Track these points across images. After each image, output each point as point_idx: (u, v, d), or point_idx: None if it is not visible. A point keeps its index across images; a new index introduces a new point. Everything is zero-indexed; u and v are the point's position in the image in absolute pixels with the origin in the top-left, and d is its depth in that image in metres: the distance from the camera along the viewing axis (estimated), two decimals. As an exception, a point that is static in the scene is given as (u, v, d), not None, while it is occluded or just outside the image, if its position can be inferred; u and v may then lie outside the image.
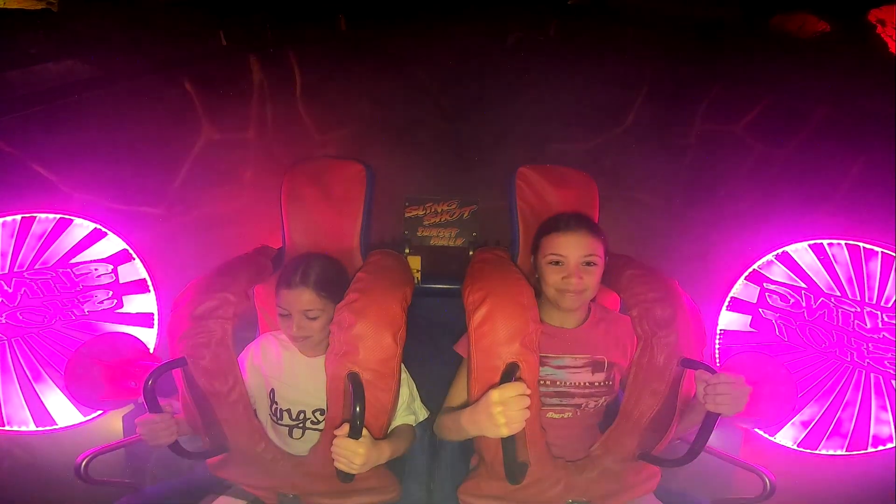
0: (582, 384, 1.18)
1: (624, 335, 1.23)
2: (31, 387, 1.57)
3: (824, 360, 1.61)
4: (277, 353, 1.24)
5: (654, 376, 1.10)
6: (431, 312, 1.60)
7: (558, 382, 1.17)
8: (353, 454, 0.99)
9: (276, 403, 1.21)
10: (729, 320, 1.70)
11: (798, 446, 1.61)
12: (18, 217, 1.57)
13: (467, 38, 1.99)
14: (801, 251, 1.65)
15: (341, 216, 1.39)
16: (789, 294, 1.64)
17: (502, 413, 0.93)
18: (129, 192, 1.80)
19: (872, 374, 1.57)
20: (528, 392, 0.95)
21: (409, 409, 1.21)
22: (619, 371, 1.21)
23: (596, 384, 1.18)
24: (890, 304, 1.56)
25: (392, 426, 1.18)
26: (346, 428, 1.01)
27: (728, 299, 1.70)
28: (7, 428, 1.56)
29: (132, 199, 1.81)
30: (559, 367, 1.18)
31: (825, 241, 1.63)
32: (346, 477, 1.03)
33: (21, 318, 1.57)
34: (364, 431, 1.01)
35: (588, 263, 1.14)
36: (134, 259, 1.65)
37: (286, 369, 1.22)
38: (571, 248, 1.14)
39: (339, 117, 1.98)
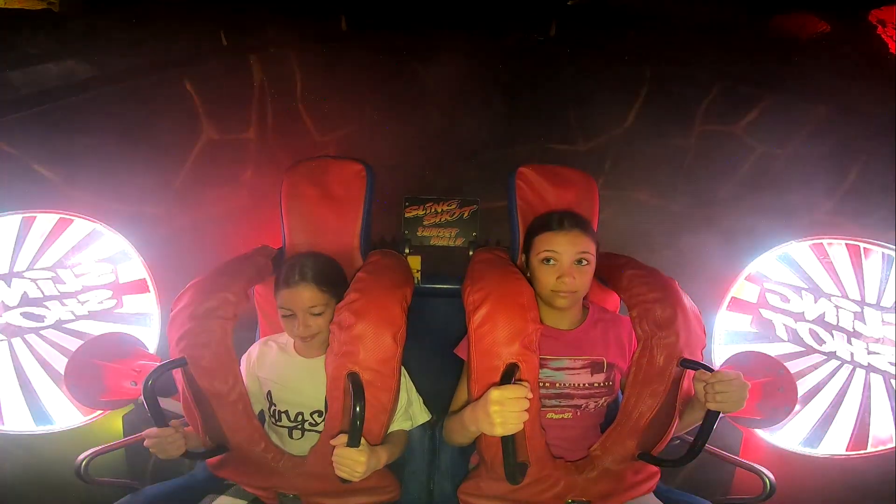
0: (581, 385, 1.18)
1: (623, 335, 1.23)
2: (31, 387, 1.56)
3: (824, 360, 1.61)
4: (274, 356, 1.24)
5: (653, 377, 1.09)
6: (431, 312, 1.60)
7: (557, 384, 1.17)
8: (355, 462, 1.00)
9: (275, 405, 1.21)
10: (729, 320, 1.70)
11: (798, 446, 1.61)
12: (18, 217, 1.57)
13: (467, 39, 1.99)
14: (801, 251, 1.65)
15: (341, 216, 1.39)
16: (789, 294, 1.64)
17: (499, 413, 0.93)
18: (129, 192, 1.80)
19: (872, 374, 1.57)
20: (529, 396, 0.95)
21: (405, 415, 1.22)
22: (620, 371, 1.21)
23: (596, 385, 1.18)
24: (890, 304, 1.56)
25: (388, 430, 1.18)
26: (343, 438, 1.01)
27: (728, 299, 1.70)
28: (7, 428, 1.56)
29: (132, 199, 1.81)
30: (558, 369, 1.17)
31: (825, 241, 1.63)
32: (347, 479, 1.03)
33: (21, 318, 1.57)
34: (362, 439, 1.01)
35: (581, 262, 1.14)
36: (134, 259, 1.65)
37: (283, 372, 1.22)
38: (565, 245, 1.14)
39: (339, 117, 1.98)
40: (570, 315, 1.22)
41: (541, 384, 1.15)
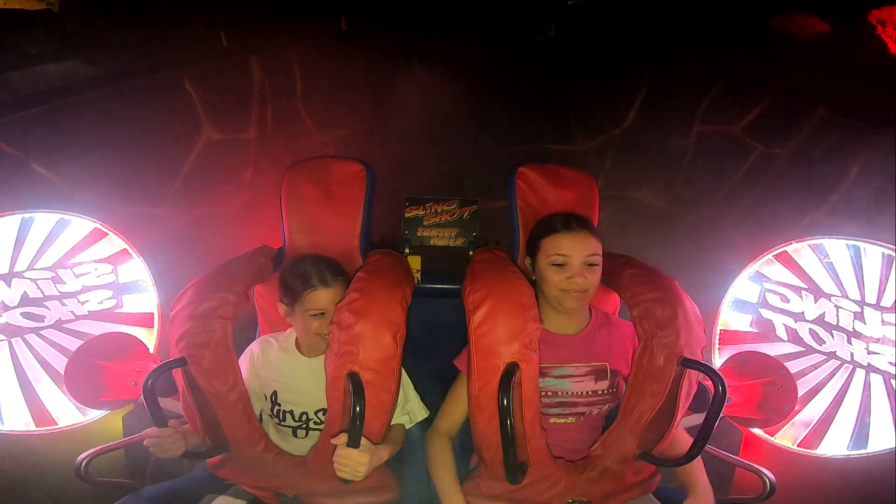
0: (585, 393, 1.17)
1: (627, 341, 1.22)
2: (31, 387, 1.56)
3: (824, 360, 1.61)
4: (276, 356, 1.24)
5: (654, 376, 1.09)
6: (431, 312, 1.60)
7: (560, 393, 1.17)
8: (357, 464, 1.01)
9: (279, 405, 1.21)
10: (729, 320, 1.70)
11: (798, 446, 1.61)
12: (18, 217, 1.57)
13: (467, 39, 1.99)
14: (801, 251, 1.65)
15: (341, 216, 1.39)
16: (789, 294, 1.64)
17: None
18: (129, 192, 1.80)
19: (872, 374, 1.57)
20: None
21: (403, 410, 1.22)
22: (623, 379, 1.21)
23: (599, 392, 1.18)
24: (890, 304, 1.56)
25: None
26: (344, 437, 1.01)
27: (728, 299, 1.70)
28: (7, 428, 1.55)
29: (132, 199, 1.81)
30: (561, 377, 1.17)
31: (825, 241, 1.63)
32: (347, 480, 1.03)
33: (21, 318, 1.57)
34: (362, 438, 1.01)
35: (591, 264, 1.15)
36: (134, 259, 1.65)
37: (287, 371, 1.22)
38: (576, 248, 1.14)
39: (339, 117, 1.98)
40: (576, 319, 1.21)
41: (543, 393, 1.15)
